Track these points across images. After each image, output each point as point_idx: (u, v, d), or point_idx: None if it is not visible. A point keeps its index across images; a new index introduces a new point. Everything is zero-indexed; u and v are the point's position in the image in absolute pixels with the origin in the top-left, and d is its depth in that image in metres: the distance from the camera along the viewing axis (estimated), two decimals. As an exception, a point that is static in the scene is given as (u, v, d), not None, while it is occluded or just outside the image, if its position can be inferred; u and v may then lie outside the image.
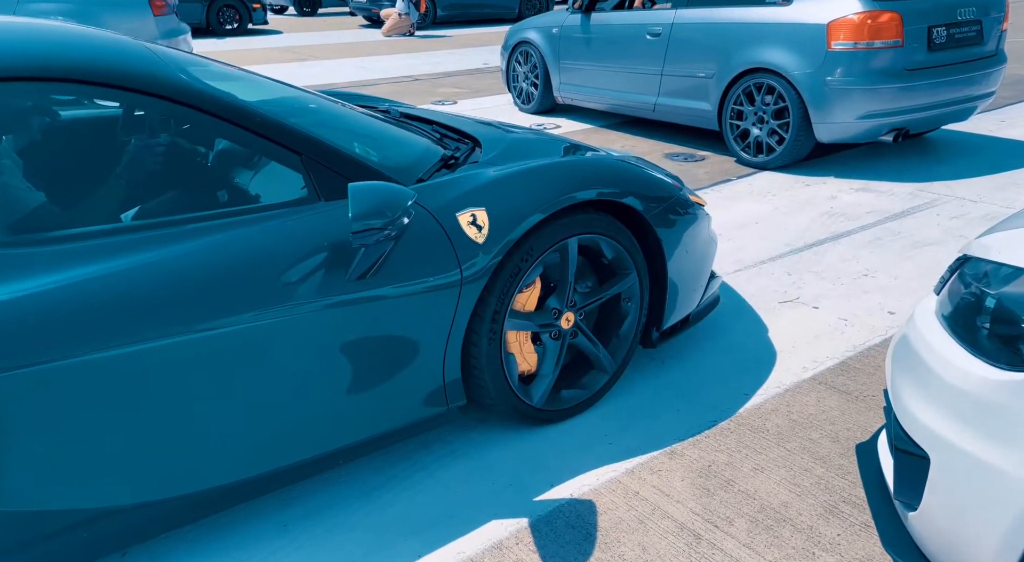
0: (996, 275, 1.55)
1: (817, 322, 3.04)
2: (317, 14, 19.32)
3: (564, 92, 6.80)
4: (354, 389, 1.90)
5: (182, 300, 1.61)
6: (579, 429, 2.38)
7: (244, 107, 1.83)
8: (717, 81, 5.39)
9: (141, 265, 1.60)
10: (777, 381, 2.62)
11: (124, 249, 1.62)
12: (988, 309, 1.55)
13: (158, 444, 1.65)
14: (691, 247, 2.56)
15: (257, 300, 1.70)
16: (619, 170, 2.39)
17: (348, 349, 1.85)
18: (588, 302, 2.37)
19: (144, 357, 1.57)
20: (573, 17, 6.66)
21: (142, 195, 1.76)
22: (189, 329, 1.61)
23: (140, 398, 1.60)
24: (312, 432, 1.87)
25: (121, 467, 1.62)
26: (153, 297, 1.58)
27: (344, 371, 1.87)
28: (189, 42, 8.42)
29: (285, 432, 1.82)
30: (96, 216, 1.66)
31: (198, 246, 1.68)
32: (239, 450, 1.77)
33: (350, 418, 1.93)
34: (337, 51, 11.87)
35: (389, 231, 1.76)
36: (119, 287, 1.56)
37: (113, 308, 1.54)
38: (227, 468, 1.76)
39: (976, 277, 1.61)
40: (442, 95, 8.07)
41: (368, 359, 1.90)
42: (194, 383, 1.66)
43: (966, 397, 1.49)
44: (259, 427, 1.78)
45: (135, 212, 1.72)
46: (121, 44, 1.89)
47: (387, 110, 2.98)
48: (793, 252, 3.74)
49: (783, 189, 4.76)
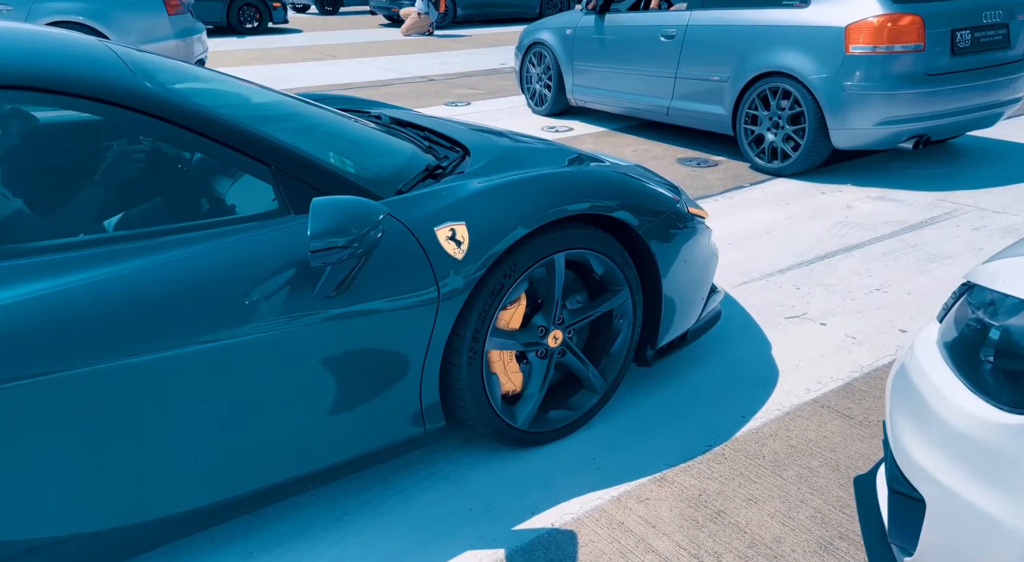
0: (1002, 306, 1.43)
1: (824, 340, 2.91)
2: (339, 13, 19.34)
3: (577, 94, 6.69)
4: (323, 412, 1.82)
5: (136, 318, 1.54)
6: (566, 452, 2.28)
7: (209, 116, 1.75)
8: (732, 84, 5.26)
9: (93, 282, 1.53)
10: (777, 403, 2.51)
11: (77, 265, 1.55)
12: (992, 342, 1.43)
13: (114, 469, 1.58)
14: (688, 262, 2.45)
15: (218, 318, 1.62)
16: (612, 182, 2.29)
17: (316, 370, 1.77)
18: (577, 319, 2.27)
19: (95, 378, 1.50)
20: (587, 18, 6.55)
21: (99, 208, 1.69)
22: (141, 350, 1.53)
23: (93, 421, 1.52)
24: (279, 456, 1.79)
25: (71, 493, 1.55)
26: (104, 316, 1.51)
27: (312, 393, 1.79)
28: (204, 41, 8.41)
29: (249, 457, 1.75)
30: (48, 230, 1.59)
31: (156, 262, 1.60)
32: (200, 475, 1.69)
33: (320, 442, 1.84)
34: (355, 50, 11.84)
35: (356, 248, 1.68)
36: (69, 305, 1.49)
37: (63, 327, 1.47)
38: (188, 494, 1.69)
39: (980, 306, 1.49)
40: (457, 96, 8.00)
41: (337, 380, 1.82)
42: (151, 405, 1.58)
43: (965, 439, 1.38)
44: (221, 451, 1.70)
45: (90, 226, 1.65)
46: (83, 49, 1.82)
47: (378, 116, 2.90)
48: (803, 264, 3.61)
49: (797, 197, 4.61)
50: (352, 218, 1.65)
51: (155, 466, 1.62)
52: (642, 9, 6.62)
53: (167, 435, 1.62)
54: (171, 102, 1.72)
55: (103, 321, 1.51)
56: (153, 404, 1.58)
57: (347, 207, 1.66)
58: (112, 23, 7.51)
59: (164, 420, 1.60)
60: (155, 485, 1.64)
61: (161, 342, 1.56)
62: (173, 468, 1.65)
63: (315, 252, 1.60)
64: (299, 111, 2.37)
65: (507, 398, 2.25)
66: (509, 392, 2.23)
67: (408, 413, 1.98)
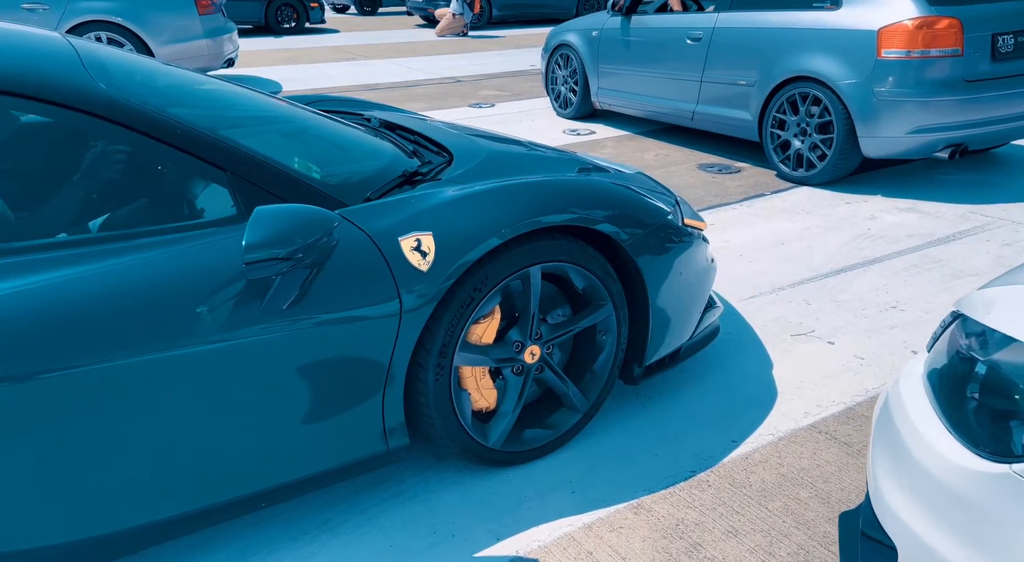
0: (990, 340, 1.30)
1: (830, 360, 2.76)
2: (377, 13, 19.44)
3: (602, 97, 6.57)
4: (276, 427, 1.75)
5: (74, 327, 1.48)
6: (541, 473, 2.18)
7: (163, 119, 1.69)
8: (758, 89, 5.08)
9: (32, 289, 1.48)
10: (772, 427, 2.37)
11: (15, 271, 1.50)
12: (978, 378, 1.30)
13: (47, 487, 1.52)
14: (680, 276, 2.33)
15: (167, 328, 1.56)
16: (599, 192, 2.18)
17: (268, 383, 1.70)
18: (556, 335, 2.17)
19: (29, 388, 1.45)
20: (613, 20, 6.42)
21: (45, 212, 1.64)
22: (77, 361, 1.48)
23: (26, 434, 1.47)
24: (228, 474, 1.72)
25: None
26: (41, 323, 1.46)
27: (264, 407, 1.71)
28: (234, 40, 8.48)
29: (195, 473, 1.68)
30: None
31: (101, 268, 1.55)
32: (143, 491, 1.63)
33: (273, 459, 1.77)
34: (387, 51, 11.86)
35: (302, 259, 1.60)
36: (5, 311, 1.44)
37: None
38: (130, 511, 1.63)
39: (969, 339, 1.36)
40: (482, 98, 7.93)
41: (291, 395, 1.74)
42: (90, 418, 1.53)
43: (940, 487, 1.25)
44: (165, 467, 1.64)
45: (34, 231, 1.60)
46: (39, 47, 1.78)
47: (368, 119, 2.83)
48: (817, 278, 3.45)
49: (819, 206, 4.44)
50: (296, 228, 1.58)
51: (93, 483, 1.57)
52: (669, 11, 6.47)
53: (108, 449, 1.56)
54: (122, 104, 1.66)
55: (39, 328, 1.45)
56: (92, 417, 1.52)
57: (291, 216, 1.58)
58: (144, 22, 7.60)
59: (104, 433, 1.55)
60: (94, 502, 1.58)
61: (101, 353, 1.50)
62: (113, 485, 1.59)
63: (250, 264, 1.52)
64: (277, 115, 2.31)
65: (480, 415, 2.16)
66: (483, 409, 2.14)
67: (370, 430, 1.90)
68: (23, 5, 7.41)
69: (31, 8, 7.43)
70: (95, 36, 7.50)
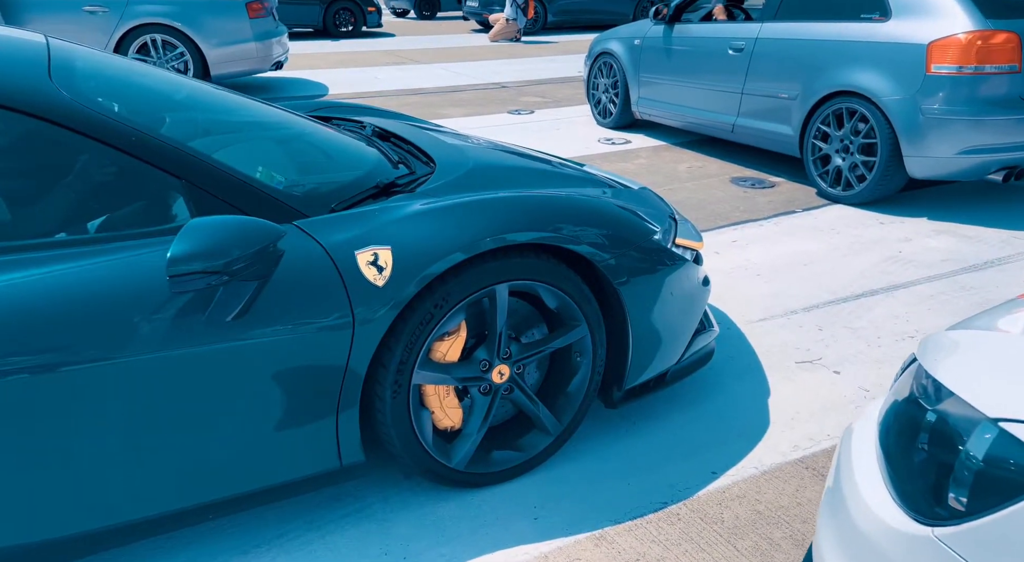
0: (936, 389, 1.19)
1: (832, 391, 2.62)
2: (436, 18, 19.62)
3: (642, 107, 6.44)
4: (221, 440, 1.73)
5: (16, 332, 1.49)
6: (506, 497, 2.11)
7: (117, 125, 1.69)
8: (800, 103, 4.89)
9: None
10: (756, 460, 2.25)
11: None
12: (922, 428, 1.19)
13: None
14: (665, 298, 2.24)
15: (114, 336, 1.55)
16: (578, 210, 2.11)
17: (212, 395, 1.68)
18: (526, 355, 2.11)
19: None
20: (656, 28, 6.29)
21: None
22: (22, 365, 1.48)
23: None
24: (170, 484, 1.71)
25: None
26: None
27: (210, 419, 1.70)
28: (284, 43, 8.65)
29: (139, 482, 1.67)
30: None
31: (49, 274, 1.55)
32: (85, 498, 1.63)
33: (218, 471, 1.75)
34: (438, 55, 11.93)
35: (240, 270, 1.58)
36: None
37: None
38: (69, 518, 1.63)
39: (918, 385, 1.25)
40: (523, 104, 7.89)
41: (239, 407, 1.72)
42: (34, 422, 1.53)
43: (868, 543, 1.14)
44: (106, 475, 1.63)
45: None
46: (5, 49, 1.80)
47: (363, 126, 2.81)
48: (834, 302, 3.29)
49: (850, 226, 4.25)
50: (230, 240, 1.55)
51: (29, 490, 1.57)
52: (714, 20, 6.32)
53: (43, 457, 1.56)
54: (77, 109, 1.67)
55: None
56: (30, 425, 1.53)
57: (225, 228, 1.56)
58: (196, 25, 7.81)
59: (41, 440, 1.55)
60: (29, 509, 1.58)
61: (33, 360, 1.50)
62: (44, 493, 1.59)
63: (173, 278, 1.50)
64: (260, 122, 2.31)
65: (445, 435, 2.11)
66: (448, 428, 2.09)
67: (323, 446, 1.87)
68: (85, 8, 7.69)
69: (92, 11, 7.71)
70: (150, 38, 7.74)
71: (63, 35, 7.55)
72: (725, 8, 6.23)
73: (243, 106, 2.42)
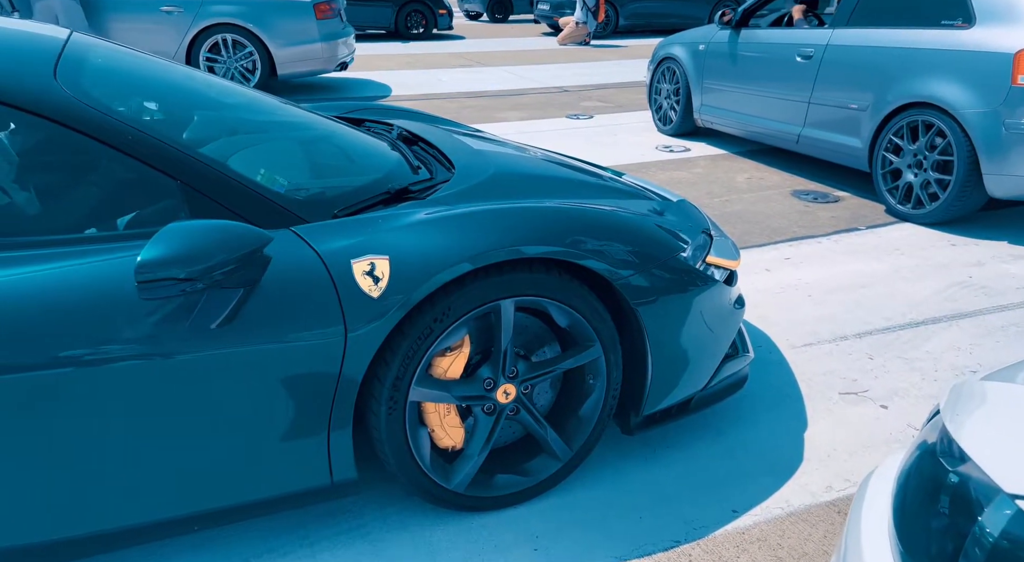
0: (955, 449, 1.03)
1: (877, 427, 2.41)
2: (508, 21, 19.62)
3: (704, 115, 6.22)
4: (205, 451, 1.67)
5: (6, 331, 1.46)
6: (508, 524, 2.00)
7: (114, 124, 1.65)
8: (871, 114, 4.60)
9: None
10: (783, 500, 2.08)
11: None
12: (938, 488, 1.03)
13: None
14: (691, 319, 2.09)
15: (103, 338, 1.51)
16: (595, 223, 1.99)
17: (195, 404, 1.62)
18: (534, 374, 1.99)
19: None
20: (722, 33, 6.06)
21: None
22: (13, 364, 1.45)
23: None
24: (154, 493, 1.66)
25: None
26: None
27: (189, 429, 1.64)
28: (350, 44, 8.74)
29: (125, 490, 1.63)
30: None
31: (39, 272, 1.52)
32: (61, 505, 1.60)
33: (203, 482, 1.70)
34: (505, 58, 11.89)
35: (223, 278, 1.51)
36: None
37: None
38: (39, 525, 1.59)
39: (940, 440, 1.09)
40: (582, 109, 7.75)
41: (222, 418, 1.66)
42: (9, 427, 1.50)
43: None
44: (92, 481, 1.59)
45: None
46: (16, 44, 1.78)
47: (390, 128, 2.74)
48: (890, 329, 3.05)
49: (918, 247, 3.97)
50: (210, 246, 1.49)
51: (19, 492, 1.54)
52: (784, 25, 6.05)
53: (29, 461, 1.53)
54: (74, 107, 1.64)
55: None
56: (9, 424, 1.50)
57: (204, 234, 1.50)
58: (265, 26, 7.96)
59: (26, 443, 1.52)
60: (20, 511, 1.56)
61: (26, 358, 1.47)
62: (31, 498, 1.56)
63: (143, 284, 1.44)
64: (278, 124, 2.26)
65: (446, 454, 2.01)
66: (449, 448, 1.99)
67: (312, 461, 1.79)
68: (162, 8, 7.93)
69: (169, 11, 7.94)
70: (221, 38, 7.93)
71: (141, 34, 7.83)
72: (804, 10, 5.94)
73: (266, 107, 2.38)
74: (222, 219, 1.70)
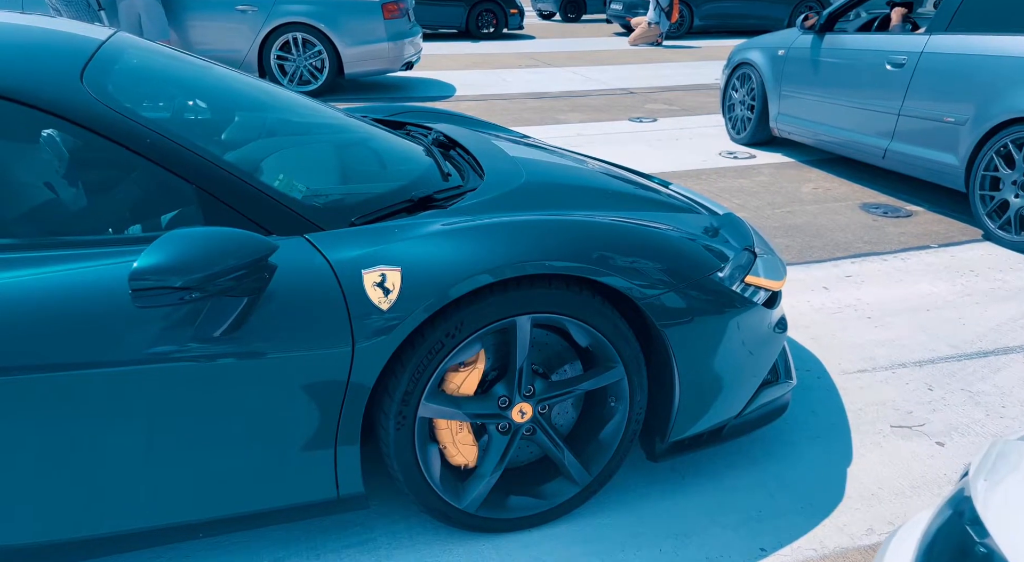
0: (979, 524, 0.90)
1: (929, 466, 2.23)
2: (581, 20, 19.46)
3: (781, 124, 5.86)
4: (207, 459, 1.65)
5: (11, 331, 1.47)
6: (517, 549, 1.92)
7: (132, 127, 1.65)
8: (970, 129, 4.19)
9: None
10: (817, 541, 1.93)
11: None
12: (965, 555, 0.91)
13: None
14: (725, 343, 1.97)
15: (111, 344, 1.50)
16: (625, 237, 1.89)
17: (199, 412, 1.60)
18: (551, 394, 1.91)
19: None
20: (804, 38, 5.69)
21: (8, 213, 1.65)
22: (19, 366, 1.46)
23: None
24: (157, 498, 1.65)
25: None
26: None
27: (191, 436, 1.62)
28: (417, 43, 8.79)
29: (117, 496, 1.62)
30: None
31: (43, 275, 1.53)
32: (68, 508, 1.60)
33: (205, 490, 1.67)
34: (574, 59, 11.77)
35: (233, 287, 1.48)
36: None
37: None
38: (45, 528, 1.60)
39: (967, 503, 0.97)
40: (646, 112, 7.58)
41: (226, 427, 1.63)
42: (20, 428, 1.51)
43: None
44: (89, 486, 1.59)
45: None
46: (49, 43, 1.80)
47: (427, 132, 2.69)
48: (956, 358, 2.84)
49: (994, 268, 3.70)
50: (210, 255, 1.45)
51: (30, 494, 1.55)
52: (874, 30, 5.66)
53: (31, 464, 1.54)
54: (92, 109, 1.64)
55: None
56: (15, 429, 1.51)
57: (205, 241, 1.46)
58: (334, 25, 8.07)
59: (28, 446, 1.53)
60: (33, 511, 1.57)
61: (29, 359, 1.47)
62: (38, 501, 1.57)
63: (136, 292, 1.42)
64: (309, 126, 2.24)
65: (458, 472, 1.94)
66: (461, 465, 1.92)
67: (318, 474, 1.76)
68: (237, 7, 8.13)
69: (243, 10, 8.13)
70: (292, 37, 8.08)
71: (217, 32, 8.04)
72: (904, 13, 5.55)
73: (303, 110, 2.37)
74: (236, 226, 1.69)
